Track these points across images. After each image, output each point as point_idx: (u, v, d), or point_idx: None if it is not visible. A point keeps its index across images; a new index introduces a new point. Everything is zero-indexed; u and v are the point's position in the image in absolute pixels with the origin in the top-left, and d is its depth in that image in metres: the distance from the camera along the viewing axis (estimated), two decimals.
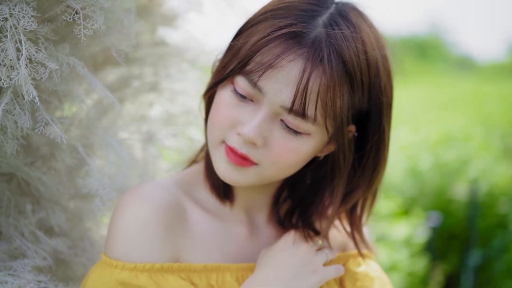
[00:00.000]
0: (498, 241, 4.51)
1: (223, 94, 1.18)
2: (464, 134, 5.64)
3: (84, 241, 1.39)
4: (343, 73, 1.12)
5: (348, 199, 1.28)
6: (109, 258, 1.18)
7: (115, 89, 1.61)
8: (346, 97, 1.14)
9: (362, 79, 1.15)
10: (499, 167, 4.91)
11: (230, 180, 1.21)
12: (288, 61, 1.10)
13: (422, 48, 36.91)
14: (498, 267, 4.42)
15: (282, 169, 1.19)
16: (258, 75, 1.12)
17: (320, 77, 1.10)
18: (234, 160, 1.17)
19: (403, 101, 11.28)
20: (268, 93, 1.12)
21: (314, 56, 1.10)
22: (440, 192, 4.57)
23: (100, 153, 1.44)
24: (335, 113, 1.13)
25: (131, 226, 1.18)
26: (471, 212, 4.37)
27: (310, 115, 1.12)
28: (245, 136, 1.14)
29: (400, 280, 3.07)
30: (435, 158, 4.79)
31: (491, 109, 8.66)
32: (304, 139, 1.16)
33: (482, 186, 4.58)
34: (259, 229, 1.34)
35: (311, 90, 1.10)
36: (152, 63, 1.63)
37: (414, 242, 3.40)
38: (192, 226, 1.25)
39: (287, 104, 1.12)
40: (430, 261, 3.94)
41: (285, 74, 1.11)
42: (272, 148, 1.16)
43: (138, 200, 1.21)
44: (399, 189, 4.54)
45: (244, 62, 1.14)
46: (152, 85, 1.62)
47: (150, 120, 1.60)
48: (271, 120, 1.15)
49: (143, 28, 1.63)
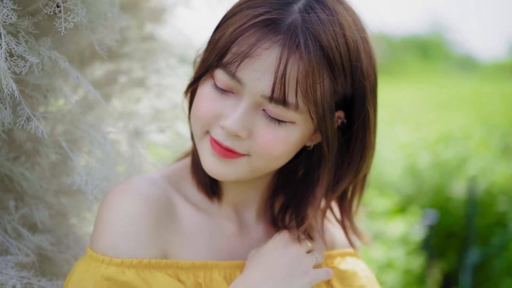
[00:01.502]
0: (497, 240, 4.49)
1: (204, 89, 1.17)
2: (463, 133, 5.64)
3: (68, 237, 1.37)
4: (322, 57, 1.10)
5: (337, 186, 1.26)
6: (95, 253, 1.16)
7: (102, 84, 1.59)
8: (327, 82, 1.12)
9: (343, 63, 1.13)
10: (498, 165, 4.90)
11: (217, 174, 1.19)
12: (264, 49, 1.08)
13: (424, 48, 36.91)
14: (497, 266, 4.41)
15: (272, 159, 1.17)
16: (235, 65, 1.10)
17: (297, 63, 1.08)
18: (220, 151, 1.15)
19: (404, 100, 11.29)
20: (247, 83, 1.11)
21: (290, 42, 1.08)
22: (438, 190, 4.57)
23: (85, 149, 1.42)
24: (316, 99, 1.11)
25: (119, 220, 1.16)
26: (469, 210, 4.36)
27: (291, 102, 1.10)
28: (228, 129, 1.12)
29: (396, 278, 3.05)
30: (434, 156, 4.78)
31: (492, 108, 8.65)
32: (289, 127, 1.14)
33: (481, 184, 4.56)
34: (248, 227, 1.32)
35: (289, 77, 1.08)
36: (140, 58, 1.61)
37: (410, 240, 3.38)
38: (181, 222, 1.23)
39: (267, 93, 1.10)
40: (427, 259, 3.93)
41: (262, 63, 1.09)
42: (258, 139, 1.14)
43: (127, 193, 1.18)
44: (397, 187, 4.53)
45: (221, 54, 1.13)
46: (140, 81, 1.60)
47: (138, 115, 1.59)
48: (254, 111, 1.13)
49: (131, 23, 1.62)
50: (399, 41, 38.71)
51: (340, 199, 1.32)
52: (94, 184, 1.30)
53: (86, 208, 1.42)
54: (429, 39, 39.02)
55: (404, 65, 30.72)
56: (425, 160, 4.71)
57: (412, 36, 38.67)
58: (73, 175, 1.32)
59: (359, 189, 1.33)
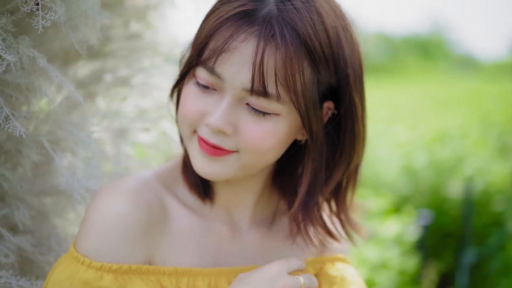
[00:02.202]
0: (494, 240, 4.48)
1: (188, 88, 1.16)
2: (461, 132, 5.62)
3: (50, 239, 1.36)
4: (300, 45, 1.08)
5: (330, 179, 1.24)
6: (77, 252, 1.14)
7: (87, 83, 1.58)
8: (308, 71, 1.11)
9: (323, 50, 1.11)
10: (495, 165, 4.89)
11: (208, 173, 1.17)
12: (240, 41, 1.08)
13: (425, 47, 36.92)
14: (494, 265, 4.39)
15: (261, 154, 1.15)
16: (213, 61, 1.10)
17: (274, 53, 1.07)
18: (207, 150, 1.14)
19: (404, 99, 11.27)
20: (227, 78, 1.10)
21: (265, 32, 1.07)
22: (435, 190, 4.55)
23: (69, 149, 1.40)
24: (296, 88, 1.09)
25: (104, 221, 1.14)
26: (466, 210, 4.35)
27: (272, 93, 1.09)
28: (212, 125, 1.11)
29: (391, 279, 3.04)
30: (430, 156, 4.77)
31: (490, 108, 8.64)
32: (274, 119, 1.12)
33: (477, 184, 4.55)
34: (241, 230, 1.30)
35: (267, 68, 1.07)
36: (125, 56, 1.60)
37: (405, 240, 3.37)
38: (172, 223, 1.21)
39: (247, 86, 1.09)
40: (422, 260, 3.91)
41: (239, 56, 1.08)
42: (244, 134, 1.12)
43: (116, 193, 1.16)
44: (393, 187, 4.52)
45: (199, 51, 1.12)
46: (125, 79, 1.59)
47: (123, 114, 1.57)
48: (237, 106, 1.12)
49: (116, 21, 1.61)
50: (399, 40, 38.72)
51: (335, 193, 1.30)
52: (79, 184, 1.28)
53: (69, 209, 1.40)
54: (429, 38, 39.01)
55: (405, 64, 30.73)
56: (422, 159, 4.69)
57: (412, 35, 38.67)
58: (56, 175, 1.30)
59: (352, 181, 1.30)
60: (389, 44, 38.97)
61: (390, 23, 30.14)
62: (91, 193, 1.29)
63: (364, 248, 2.95)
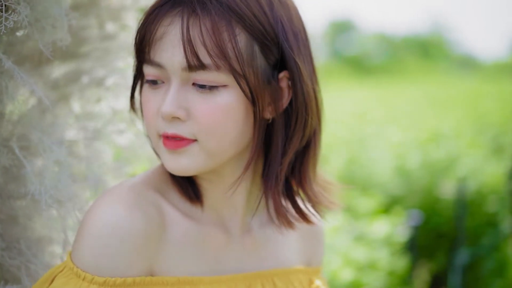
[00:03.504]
0: (488, 240, 4.48)
1: (143, 93, 1.19)
2: (456, 133, 5.62)
3: (20, 243, 1.34)
4: (225, 13, 1.10)
5: (288, 147, 1.20)
6: (76, 267, 1.11)
7: (61, 85, 1.57)
8: (243, 37, 1.11)
9: (254, 13, 1.12)
10: (489, 165, 4.88)
11: (176, 168, 1.16)
12: (167, 25, 1.11)
13: (425, 47, 36.99)
14: (487, 266, 4.39)
15: (219, 134, 1.13)
16: (149, 52, 1.13)
17: (198, 26, 1.09)
18: (170, 144, 1.13)
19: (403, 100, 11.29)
20: (166, 64, 1.12)
21: (188, 10, 1.10)
22: (428, 190, 4.55)
23: (40, 154, 1.39)
24: (228, 54, 1.09)
25: (102, 234, 1.10)
26: (459, 210, 4.34)
27: (208, 63, 1.09)
28: (164, 113, 1.11)
29: (380, 279, 3.03)
30: (424, 156, 4.77)
31: (487, 108, 8.64)
32: (222, 92, 1.12)
33: (471, 185, 4.55)
34: (234, 235, 1.28)
35: (195, 41, 1.09)
36: (100, 57, 1.59)
37: (394, 240, 3.36)
38: (170, 230, 1.19)
39: (184, 64, 1.10)
40: (412, 260, 3.91)
41: (170, 38, 1.11)
42: (196, 114, 1.12)
43: (112, 204, 1.13)
44: (386, 187, 4.51)
45: (137, 48, 1.16)
46: (99, 81, 1.58)
47: (97, 116, 1.56)
48: (185, 89, 1.12)
49: (91, 22, 1.60)
50: (399, 40, 38.80)
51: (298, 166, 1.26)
52: (46, 193, 1.26)
53: (40, 212, 1.39)
54: (430, 38, 39.05)
55: (405, 64, 30.79)
56: (415, 160, 4.69)
57: (413, 35, 38.73)
58: (25, 183, 1.28)
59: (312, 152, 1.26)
60: (389, 44, 39.05)
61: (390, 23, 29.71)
62: (59, 201, 1.28)
63: (352, 249, 2.95)
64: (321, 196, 1.29)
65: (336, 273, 2.67)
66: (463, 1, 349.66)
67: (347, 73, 26.01)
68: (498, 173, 4.76)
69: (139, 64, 1.19)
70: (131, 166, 1.60)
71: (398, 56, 34.90)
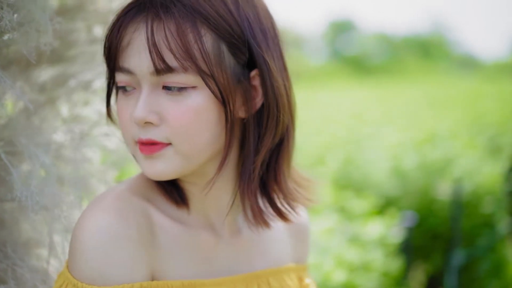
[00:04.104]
0: (484, 241, 4.48)
1: (118, 99, 1.19)
2: (452, 133, 5.62)
3: (6, 246, 1.34)
4: (190, 14, 1.11)
5: (261, 145, 1.20)
6: (81, 282, 1.10)
7: (49, 88, 1.57)
8: (209, 37, 1.12)
9: (220, 12, 1.13)
10: (486, 166, 4.88)
11: (153, 173, 1.16)
12: (132, 32, 1.12)
13: (425, 47, 36.97)
14: (483, 267, 4.39)
15: (194, 137, 1.13)
16: (118, 59, 1.14)
17: (163, 29, 1.10)
18: (145, 150, 1.14)
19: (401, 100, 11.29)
20: (135, 69, 1.12)
21: (151, 15, 1.11)
22: (424, 191, 4.55)
23: (26, 159, 1.39)
24: (194, 55, 1.10)
25: (101, 243, 1.10)
26: (455, 211, 4.34)
27: (175, 65, 1.10)
28: (136, 118, 1.12)
29: (374, 281, 3.03)
30: (420, 157, 4.77)
31: (487, 108, 8.64)
32: (191, 94, 1.12)
33: (467, 186, 4.55)
34: (224, 237, 1.28)
35: (160, 44, 1.10)
36: (88, 61, 1.59)
37: (388, 242, 3.36)
38: (161, 236, 1.19)
39: (151, 68, 1.11)
40: (406, 262, 3.91)
41: (137, 44, 1.12)
42: (169, 118, 1.12)
43: (103, 213, 1.13)
44: (382, 188, 4.51)
45: (106, 57, 1.17)
46: (87, 84, 1.58)
47: (84, 119, 1.57)
48: (156, 93, 1.13)
49: (79, 26, 1.60)
50: (400, 40, 38.80)
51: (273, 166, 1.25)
52: (33, 199, 1.26)
53: (26, 216, 1.39)
54: (430, 38, 39.03)
55: (405, 64, 30.78)
56: (411, 161, 4.69)
57: (413, 35, 38.71)
58: (12, 187, 1.28)
59: (286, 150, 1.25)
60: (389, 44, 39.04)
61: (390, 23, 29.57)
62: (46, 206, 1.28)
63: (345, 250, 2.95)
64: (296, 193, 1.28)
65: (329, 274, 2.68)
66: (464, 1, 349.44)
67: (347, 73, 26.01)
68: (494, 174, 4.76)
69: (111, 72, 1.20)
70: (118, 169, 1.61)
71: (398, 56, 34.90)
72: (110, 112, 1.29)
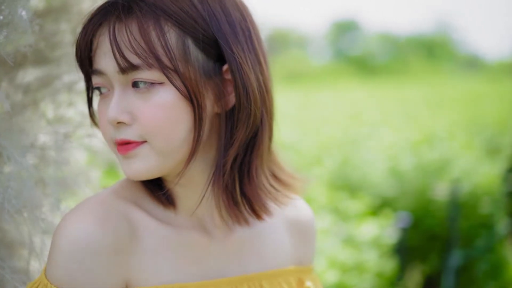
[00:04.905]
0: (482, 242, 4.47)
1: (98, 102, 1.21)
2: (450, 134, 5.61)
3: None
4: (153, 12, 1.12)
5: (234, 138, 1.18)
6: (51, 284, 1.11)
7: (33, 89, 1.58)
8: (173, 33, 1.13)
9: (183, 8, 1.13)
10: (483, 166, 4.87)
11: (131, 173, 1.16)
12: (100, 35, 1.15)
13: (430, 47, 36.88)
14: (481, 268, 4.38)
15: (167, 133, 1.13)
16: (90, 63, 1.18)
17: (123, 29, 1.12)
18: (121, 149, 1.15)
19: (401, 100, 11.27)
20: (105, 70, 1.15)
21: (112, 17, 1.14)
22: (421, 192, 4.54)
23: (7, 160, 1.39)
24: (156, 51, 1.11)
25: (75, 250, 1.10)
26: (452, 212, 4.33)
27: (138, 63, 1.11)
28: (109, 119, 1.13)
29: (368, 281, 3.03)
30: (417, 158, 4.76)
31: (487, 108, 8.61)
32: (159, 90, 1.12)
33: (464, 186, 4.54)
34: (214, 238, 1.26)
35: (122, 43, 1.12)
36: (71, 62, 1.60)
37: (383, 242, 3.35)
38: (144, 240, 1.18)
39: (117, 68, 1.13)
40: (401, 262, 3.90)
41: (103, 46, 1.14)
42: (140, 116, 1.13)
43: (81, 219, 1.13)
44: (379, 189, 4.50)
45: (78, 63, 1.20)
46: (71, 85, 1.59)
47: (69, 120, 1.57)
48: (126, 92, 1.14)
49: (63, 27, 1.61)
50: (404, 40, 38.72)
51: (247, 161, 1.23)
52: (10, 203, 1.27)
53: (7, 218, 1.39)
54: (434, 38, 38.92)
55: (409, 65, 30.71)
56: (409, 161, 4.68)
57: (417, 35, 38.63)
58: None
59: (261, 144, 1.23)
60: (393, 44, 38.98)
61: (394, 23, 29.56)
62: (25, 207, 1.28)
63: (339, 251, 2.95)
64: (272, 189, 1.27)
65: (321, 275, 2.67)
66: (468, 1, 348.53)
67: (350, 73, 25.97)
68: (492, 174, 4.75)
69: (87, 76, 1.23)
70: (102, 170, 1.61)
71: (402, 56, 34.83)
72: (93, 114, 1.30)
